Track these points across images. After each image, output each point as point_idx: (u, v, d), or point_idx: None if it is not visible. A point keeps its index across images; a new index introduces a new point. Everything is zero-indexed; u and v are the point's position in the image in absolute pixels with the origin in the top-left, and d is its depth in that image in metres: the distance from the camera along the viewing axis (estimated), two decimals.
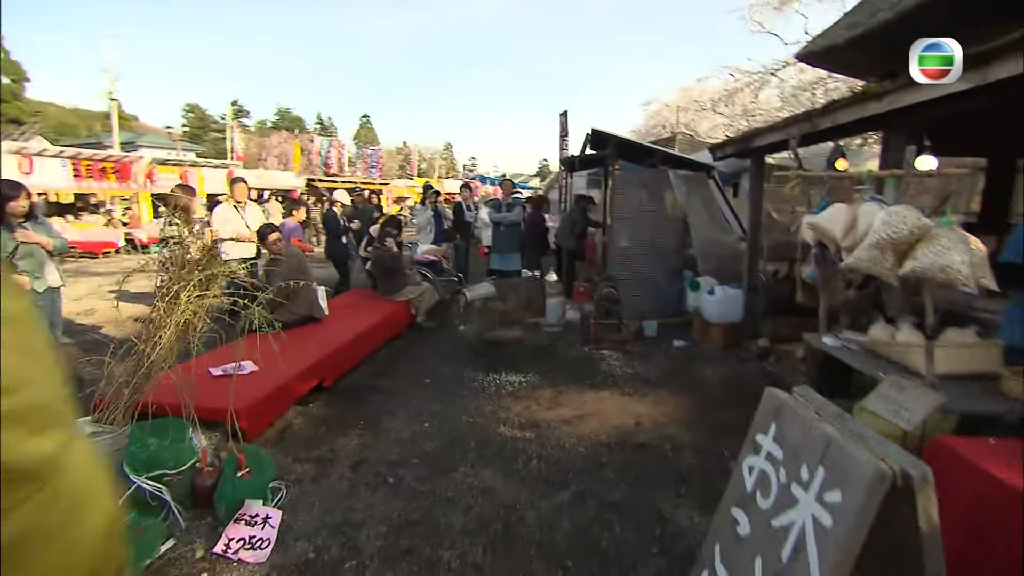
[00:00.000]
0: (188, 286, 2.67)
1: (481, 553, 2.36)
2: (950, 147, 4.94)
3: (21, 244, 3.86)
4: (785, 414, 1.64)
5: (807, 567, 1.33)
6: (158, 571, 2.23)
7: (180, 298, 2.66)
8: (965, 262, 1.97)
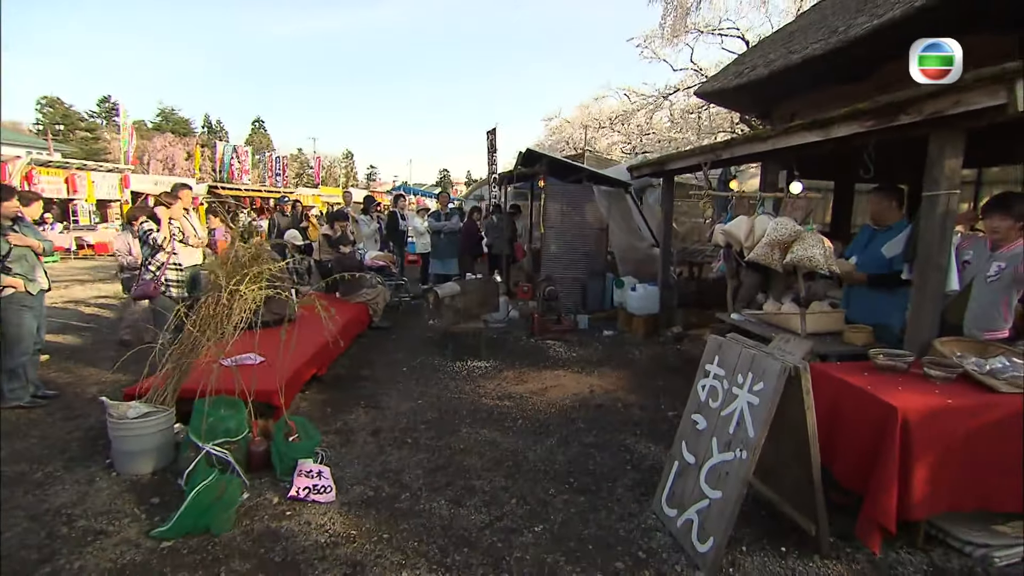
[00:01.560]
0: (244, 281, 3.14)
1: (503, 479, 3.09)
2: (811, 174, 6.44)
3: (14, 247, 3.97)
4: (724, 348, 2.57)
5: (746, 430, 2.25)
6: (246, 515, 2.71)
7: (236, 293, 3.11)
8: (822, 254, 3.06)
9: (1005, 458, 2.34)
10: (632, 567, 2.33)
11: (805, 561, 2.36)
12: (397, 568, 2.31)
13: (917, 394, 2.38)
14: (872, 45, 4.47)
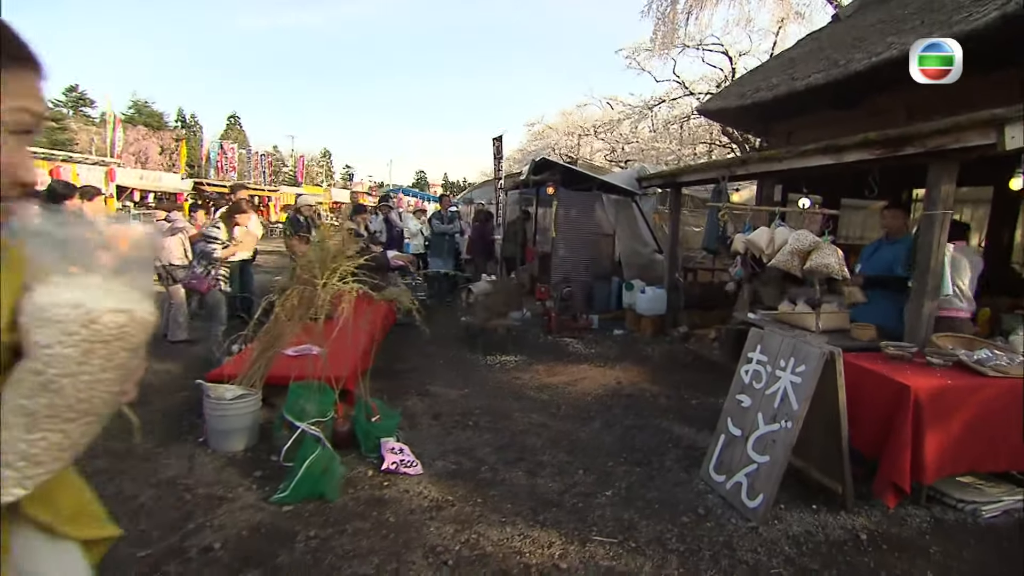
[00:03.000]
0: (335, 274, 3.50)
1: (565, 455, 3.51)
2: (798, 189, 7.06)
3: None
4: (766, 338, 3.06)
5: (790, 404, 2.73)
6: (348, 485, 3.08)
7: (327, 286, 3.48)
8: (836, 262, 3.58)
9: (991, 428, 2.88)
10: (696, 521, 2.79)
11: (833, 515, 2.86)
12: (500, 524, 2.71)
13: (923, 377, 2.90)
14: (867, 78, 5.06)
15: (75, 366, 0.56)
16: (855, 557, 2.53)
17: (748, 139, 15.02)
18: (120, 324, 0.58)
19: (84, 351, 0.56)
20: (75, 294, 0.56)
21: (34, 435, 0.57)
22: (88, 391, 0.58)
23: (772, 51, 15.64)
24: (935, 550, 2.61)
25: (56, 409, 0.57)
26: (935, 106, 4.73)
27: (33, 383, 0.56)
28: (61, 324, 0.55)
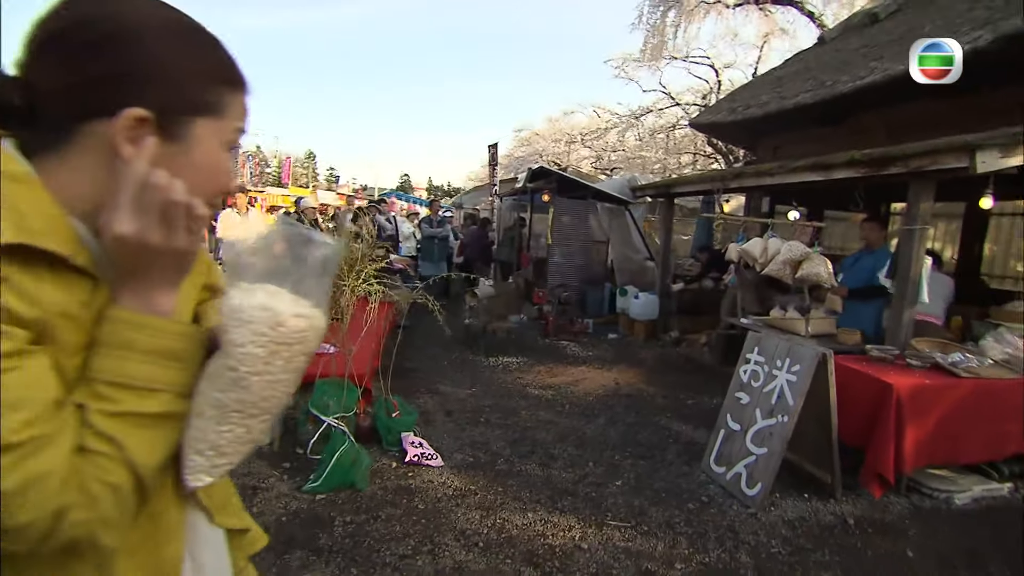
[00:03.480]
0: (359, 276, 3.69)
1: (574, 449, 3.75)
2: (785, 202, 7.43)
3: None
4: (762, 339, 3.33)
5: (787, 400, 3.01)
6: (375, 475, 3.27)
7: (353, 285, 3.66)
8: (826, 271, 3.89)
9: (964, 424, 3.19)
10: (700, 507, 3.04)
11: (823, 502, 3.14)
12: (522, 510, 2.93)
13: (904, 376, 3.20)
14: (851, 99, 5.42)
15: (262, 365, 0.60)
16: (844, 538, 2.81)
17: (732, 151, 15.50)
18: (301, 329, 0.62)
19: (270, 352, 0.60)
20: (264, 298, 0.61)
21: (223, 427, 0.62)
22: (270, 390, 0.62)
23: (756, 64, 16.19)
24: (914, 532, 2.90)
25: (244, 404, 0.61)
26: (912, 127, 5.09)
27: (227, 378, 0.61)
28: (252, 325, 0.59)
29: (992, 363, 3.42)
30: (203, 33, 0.64)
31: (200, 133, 0.61)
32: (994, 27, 4.24)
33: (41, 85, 0.56)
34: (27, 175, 0.56)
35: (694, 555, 2.60)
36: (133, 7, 0.59)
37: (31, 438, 0.49)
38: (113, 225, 0.55)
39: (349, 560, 2.46)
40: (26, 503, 0.49)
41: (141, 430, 0.56)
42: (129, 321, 0.57)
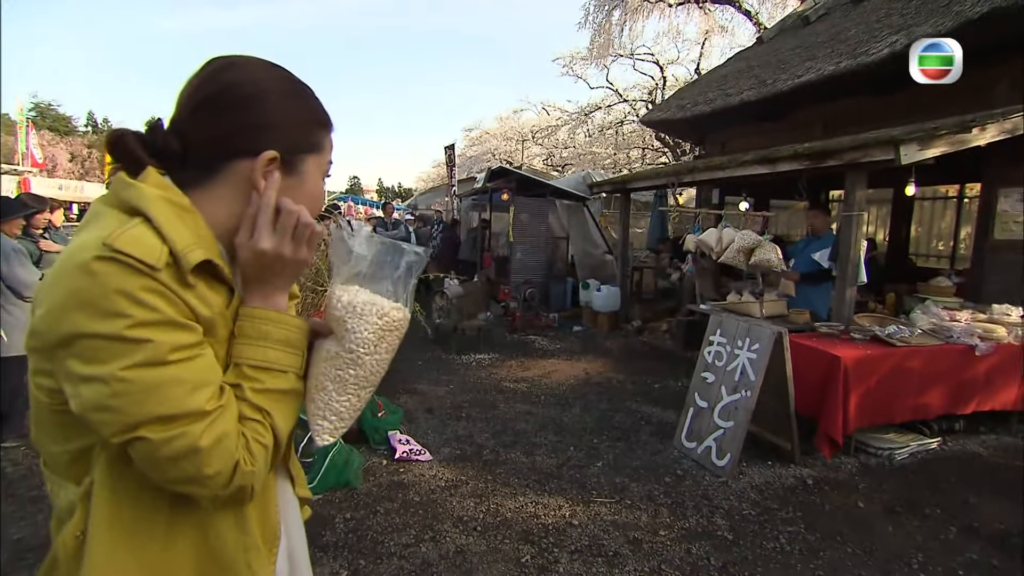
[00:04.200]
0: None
1: (554, 436, 3.94)
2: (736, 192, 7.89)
3: (44, 253, 4.21)
4: (723, 322, 3.62)
5: (749, 377, 3.29)
6: (367, 473, 3.36)
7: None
8: (777, 258, 4.23)
9: (898, 387, 3.58)
10: (676, 480, 3.29)
11: (785, 467, 3.45)
12: (513, 495, 3.10)
13: (849, 349, 3.55)
14: (790, 96, 5.85)
15: (372, 347, 0.76)
16: (805, 496, 3.12)
17: (680, 145, 16.12)
18: (399, 319, 0.79)
19: (379, 336, 0.76)
20: (369, 296, 0.78)
21: (343, 397, 0.79)
22: (378, 367, 0.80)
23: (699, 61, 16.87)
24: (863, 486, 3.25)
25: (359, 379, 0.78)
26: (845, 121, 5.57)
27: (346, 358, 0.77)
28: (365, 316, 0.76)
29: (920, 332, 3.83)
30: (304, 86, 0.79)
31: (310, 167, 0.78)
32: (908, 32, 4.70)
33: (194, 134, 0.72)
34: (191, 206, 0.70)
35: (675, 522, 2.84)
36: (262, 72, 0.75)
37: (217, 407, 0.65)
38: (256, 242, 0.71)
39: (356, 553, 2.56)
40: (216, 456, 0.64)
41: (280, 403, 0.72)
42: (266, 318, 0.73)
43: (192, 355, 0.64)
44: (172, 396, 0.61)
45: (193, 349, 0.64)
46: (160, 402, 0.60)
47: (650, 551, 2.59)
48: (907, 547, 2.68)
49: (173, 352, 0.61)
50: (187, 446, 0.61)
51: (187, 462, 0.62)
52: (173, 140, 0.71)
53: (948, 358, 3.72)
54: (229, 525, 0.73)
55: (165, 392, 0.61)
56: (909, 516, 2.95)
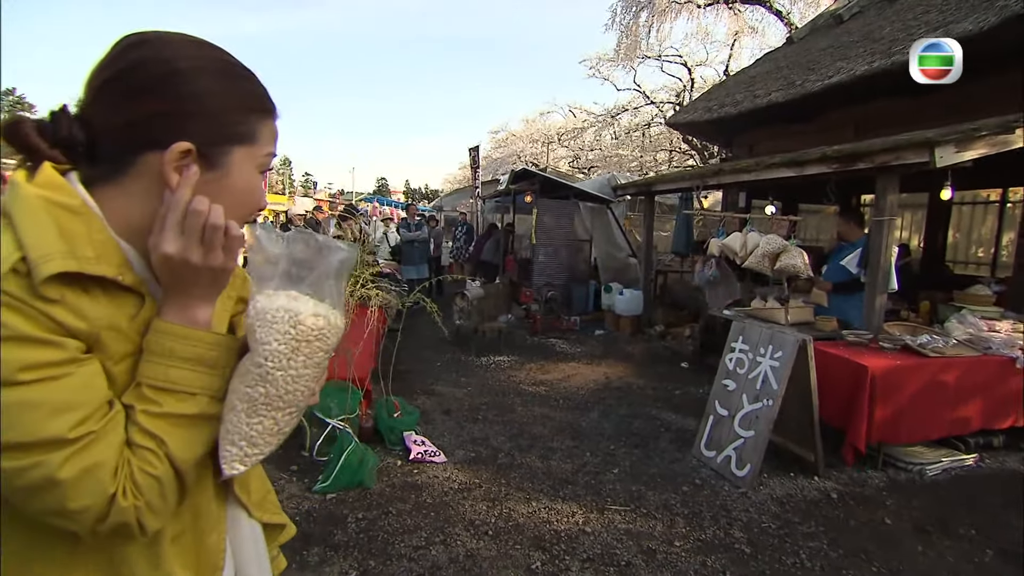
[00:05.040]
0: (356, 281, 3.79)
1: (571, 441, 3.90)
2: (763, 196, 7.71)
3: None
4: (746, 328, 3.53)
5: (771, 385, 3.20)
6: (382, 473, 3.37)
7: (353, 292, 3.76)
8: (803, 263, 4.11)
9: (931, 400, 3.43)
10: (694, 489, 3.22)
11: (808, 479, 3.34)
12: (526, 500, 3.07)
13: (878, 358, 3.42)
14: (821, 97, 5.68)
15: (285, 361, 0.66)
16: (828, 511, 3.01)
17: (707, 147, 15.87)
18: (320, 327, 0.68)
19: (292, 348, 0.67)
20: (285, 301, 0.68)
21: (253, 419, 0.68)
22: (293, 384, 0.68)
23: (727, 62, 16.58)
24: (891, 502, 3.11)
25: (270, 398, 0.67)
26: (877, 123, 5.38)
27: (255, 375, 0.66)
28: (275, 325, 0.66)
29: (956, 343, 3.66)
30: (237, 68, 0.70)
31: (236, 160, 0.68)
32: (946, 30, 4.51)
33: (100, 122, 0.64)
34: (82, 206, 0.62)
35: (691, 533, 2.77)
36: (179, 50, 0.65)
37: (86, 434, 0.56)
38: (160, 245, 0.62)
39: (366, 553, 2.57)
40: (83, 490, 0.56)
41: (180, 429, 0.63)
42: (171, 332, 0.64)
43: (54, 375, 0.55)
44: (23, 421, 0.53)
45: (57, 368, 0.56)
46: (8, 427, 0.53)
47: (664, 562, 2.53)
48: (937, 568, 2.55)
49: (24, 371, 0.53)
50: (43, 477, 0.54)
51: (47, 495, 0.55)
52: (78, 129, 0.63)
53: (986, 370, 3.55)
54: (138, 558, 0.66)
55: (13, 417, 0.53)
56: (941, 536, 2.82)
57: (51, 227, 0.59)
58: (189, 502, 0.70)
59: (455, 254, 11.32)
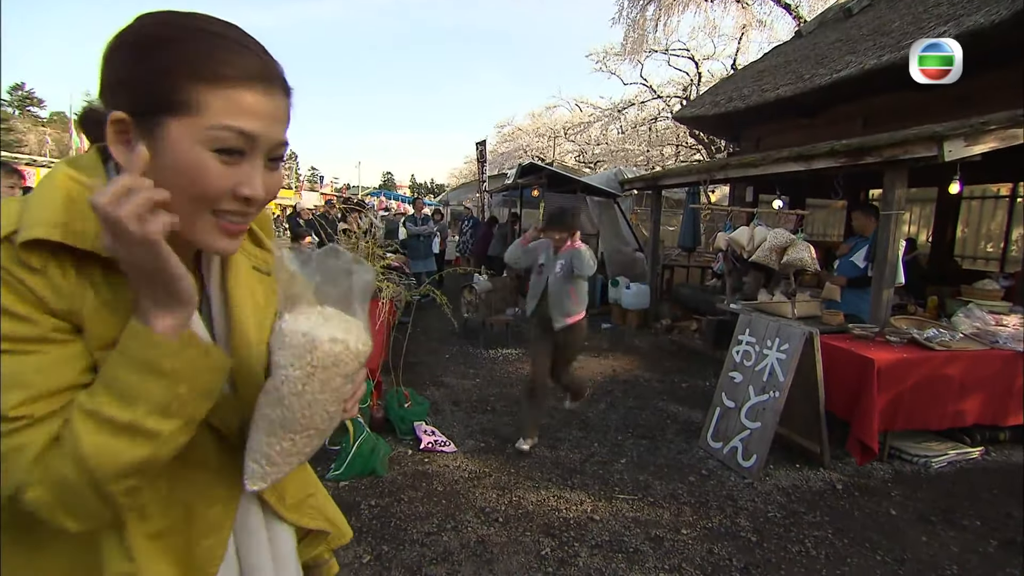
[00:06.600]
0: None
1: (579, 432, 3.95)
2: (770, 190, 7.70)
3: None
4: (753, 321, 3.56)
5: (777, 377, 3.23)
6: (393, 462, 3.43)
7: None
8: (810, 257, 4.13)
9: (936, 393, 3.45)
10: (700, 480, 3.26)
11: (813, 471, 3.38)
12: (535, 489, 3.13)
13: (884, 352, 3.45)
14: (829, 92, 5.67)
15: (300, 386, 0.64)
16: (834, 501, 3.05)
17: (714, 141, 15.80)
18: (336, 353, 0.64)
19: (307, 374, 0.63)
20: (305, 325, 0.64)
21: (272, 439, 0.66)
22: (309, 409, 0.65)
23: (735, 56, 16.48)
24: (896, 494, 3.15)
25: (286, 421, 0.65)
26: (886, 117, 5.37)
27: (273, 397, 0.65)
28: (293, 349, 0.63)
29: (963, 336, 3.68)
30: (181, 28, 0.60)
31: (172, 134, 0.58)
32: (957, 23, 4.50)
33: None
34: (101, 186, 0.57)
35: (698, 521, 2.82)
36: (141, 21, 0.61)
37: (23, 415, 0.54)
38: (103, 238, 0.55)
39: (379, 539, 2.63)
40: (3, 470, 0.54)
41: (102, 435, 0.55)
42: (131, 328, 0.57)
43: (15, 350, 0.54)
44: None
45: (21, 344, 0.54)
46: None
47: (671, 549, 2.58)
48: (941, 558, 2.59)
49: None
50: None
51: None
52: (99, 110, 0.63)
53: (993, 364, 3.57)
54: (109, 547, 0.63)
55: None
56: (945, 526, 2.85)
57: (58, 201, 0.57)
58: (180, 503, 0.67)
59: (461, 248, 11.38)
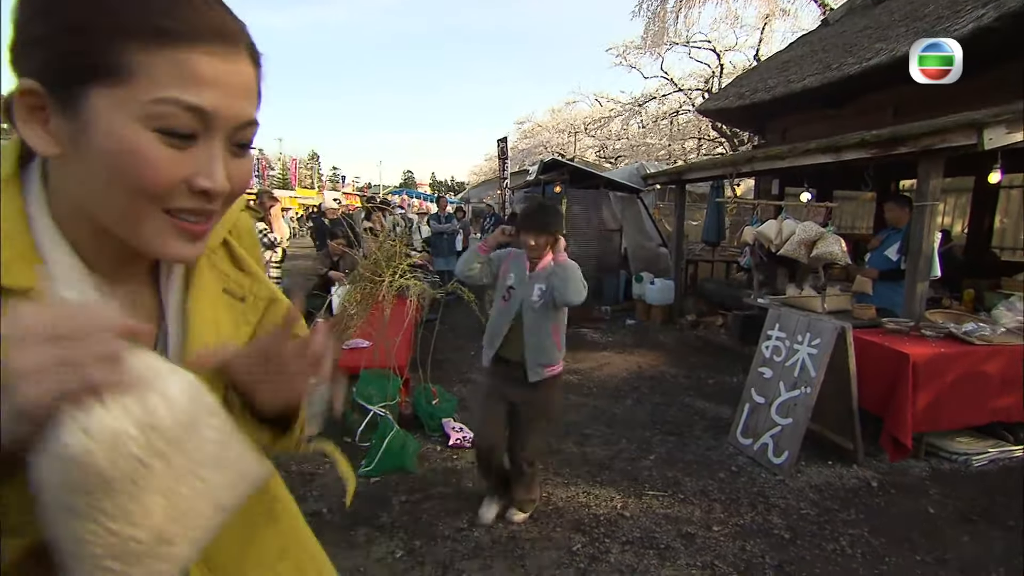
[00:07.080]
0: (396, 271, 3.90)
1: (606, 428, 3.95)
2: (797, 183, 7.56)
3: None
4: (782, 316, 3.51)
5: (809, 372, 3.18)
6: (422, 458, 3.48)
7: (392, 281, 3.87)
8: (840, 250, 4.05)
9: (977, 389, 3.36)
10: (731, 476, 3.23)
11: (847, 468, 3.32)
12: (564, 485, 3.14)
13: (920, 346, 3.37)
14: (858, 81, 5.54)
15: None
16: (868, 499, 3.00)
17: (737, 134, 15.55)
18: None
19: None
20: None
21: None
22: None
23: (758, 47, 16.17)
24: (934, 492, 3.08)
25: None
26: (918, 106, 5.22)
27: None
28: None
29: (1004, 330, 3.57)
30: None
31: (99, 108, 0.46)
32: (998, 4, 4.35)
33: None
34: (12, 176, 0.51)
35: (729, 518, 2.80)
36: None
37: None
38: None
39: (411, 534, 2.67)
40: None
41: None
42: None
43: None
44: None
45: None
46: None
47: (703, 546, 2.57)
48: (984, 558, 2.53)
49: None
50: None
51: None
52: None
53: None
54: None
55: None
56: (988, 526, 2.78)
57: None
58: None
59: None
